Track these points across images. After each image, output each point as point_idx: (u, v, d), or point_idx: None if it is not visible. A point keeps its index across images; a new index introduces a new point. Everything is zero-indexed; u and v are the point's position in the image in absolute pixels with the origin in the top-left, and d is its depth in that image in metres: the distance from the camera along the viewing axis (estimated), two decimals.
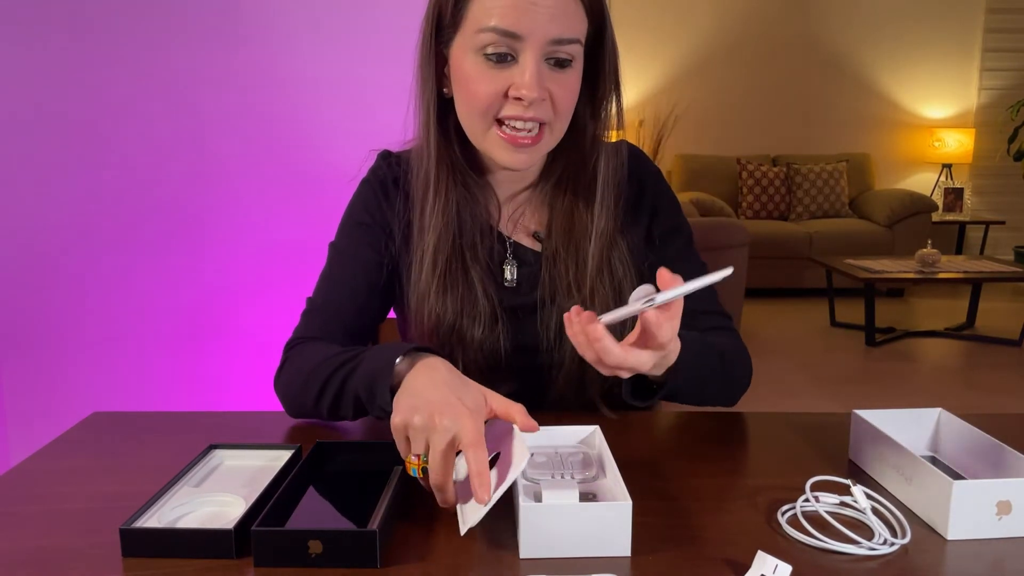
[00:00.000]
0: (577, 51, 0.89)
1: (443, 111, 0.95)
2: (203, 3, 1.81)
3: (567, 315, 0.72)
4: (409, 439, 0.71)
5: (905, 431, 0.81)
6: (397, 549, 0.65)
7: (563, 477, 0.74)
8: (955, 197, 5.70)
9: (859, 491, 0.70)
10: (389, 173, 1.02)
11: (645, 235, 1.04)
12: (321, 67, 1.85)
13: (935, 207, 5.25)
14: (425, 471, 0.69)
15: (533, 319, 0.99)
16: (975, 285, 4.48)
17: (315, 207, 1.87)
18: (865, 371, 3.76)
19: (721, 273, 0.67)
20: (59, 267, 1.89)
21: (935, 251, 4.19)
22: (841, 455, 0.85)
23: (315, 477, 0.76)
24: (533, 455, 0.77)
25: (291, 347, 0.99)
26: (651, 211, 1.04)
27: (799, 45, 5.74)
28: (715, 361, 0.94)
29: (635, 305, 0.69)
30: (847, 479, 0.72)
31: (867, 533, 0.67)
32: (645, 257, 1.03)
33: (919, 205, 5.17)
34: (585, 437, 0.82)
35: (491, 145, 0.92)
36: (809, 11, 5.71)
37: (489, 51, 0.86)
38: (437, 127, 0.95)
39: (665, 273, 0.69)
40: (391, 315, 1.10)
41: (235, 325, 1.96)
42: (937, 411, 0.84)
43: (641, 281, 1.00)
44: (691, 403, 0.95)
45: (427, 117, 0.95)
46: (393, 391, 0.77)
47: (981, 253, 5.82)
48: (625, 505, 0.64)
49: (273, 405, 0.99)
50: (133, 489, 0.75)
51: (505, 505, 0.67)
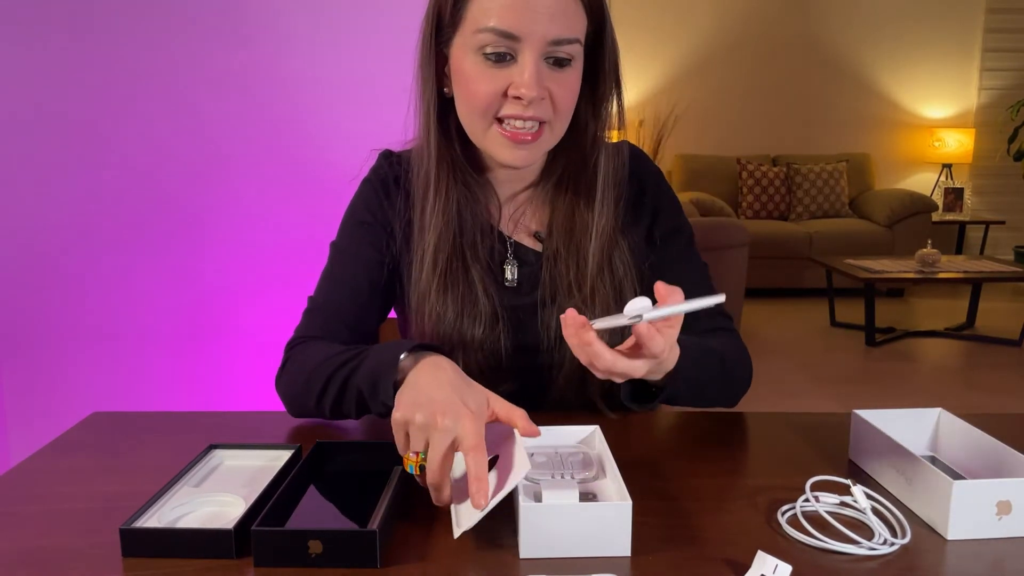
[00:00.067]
0: (577, 51, 0.89)
1: (443, 110, 0.95)
2: (203, 3, 1.81)
3: (563, 316, 0.72)
4: (409, 435, 0.71)
5: (905, 431, 0.81)
6: (397, 549, 0.65)
7: (563, 477, 0.74)
8: (955, 197, 5.70)
9: (859, 491, 0.70)
10: (390, 172, 1.02)
11: (646, 235, 1.04)
12: (321, 67, 1.85)
13: (935, 207, 5.25)
14: (422, 469, 0.69)
15: (534, 319, 0.99)
16: (975, 285, 4.48)
17: (316, 207, 1.87)
18: (865, 371, 3.76)
19: (714, 299, 0.69)
20: (59, 267, 1.89)
21: (935, 251, 4.19)
22: (841, 455, 0.85)
23: (315, 477, 0.76)
24: (533, 455, 0.77)
25: (292, 346, 0.99)
26: (652, 211, 1.04)
27: (799, 45, 5.74)
28: (715, 365, 0.94)
29: (626, 318, 0.69)
30: (847, 479, 0.72)
31: (867, 533, 0.67)
32: (646, 257, 1.03)
33: (919, 205, 5.17)
34: (585, 437, 0.82)
35: (491, 143, 0.92)
36: (809, 11, 5.71)
37: (488, 51, 0.86)
38: (437, 126, 0.95)
39: (662, 287, 0.70)
40: (392, 315, 1.10)
41: (235, 325, 1.96)
42: (937, 411, 0.84)
43: (642, 281, 1.00)
44: (691, 406, 0.96)
45: (427, 116, 0.95)
46: (396, 387, 0.77)
47: (981, 253, 5.82)
48: (625, 505, 0.64)
49: (273, 405, 0.99)
50: (133, 489, 0.75)
51: (505, 505, 0.67)
